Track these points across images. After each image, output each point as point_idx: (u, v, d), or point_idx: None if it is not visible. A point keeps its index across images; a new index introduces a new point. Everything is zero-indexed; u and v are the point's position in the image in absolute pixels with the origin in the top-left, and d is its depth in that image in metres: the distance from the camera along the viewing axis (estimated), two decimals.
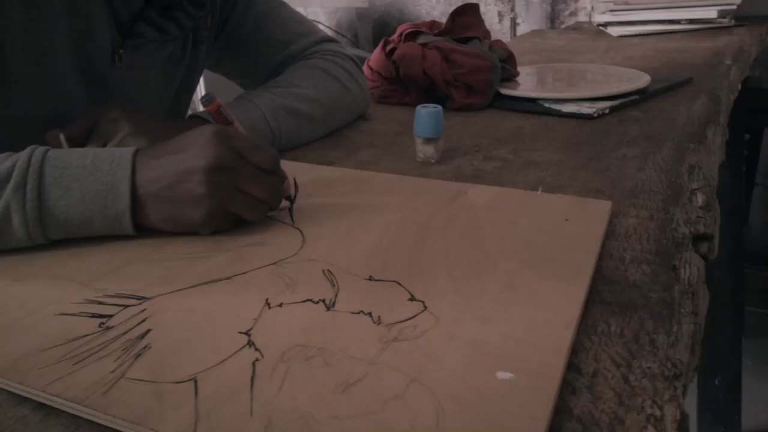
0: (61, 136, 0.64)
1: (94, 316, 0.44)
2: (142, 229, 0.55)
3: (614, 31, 1.72)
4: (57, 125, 0.67)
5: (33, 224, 0.51)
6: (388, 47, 1.04)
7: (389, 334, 0.41)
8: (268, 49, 0.87)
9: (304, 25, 0.91)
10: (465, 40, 1.04)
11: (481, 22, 1.09)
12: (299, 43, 0.88)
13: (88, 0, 0.68)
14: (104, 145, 0.63)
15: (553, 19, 2.16)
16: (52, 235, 0.53)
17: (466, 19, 1.06)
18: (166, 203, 0.53)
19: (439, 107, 0.74)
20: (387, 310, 0.43)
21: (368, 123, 0.94)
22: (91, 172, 0.52)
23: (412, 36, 1.04)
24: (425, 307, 0.43)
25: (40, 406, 0.37)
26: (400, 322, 0.42)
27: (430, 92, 1.02)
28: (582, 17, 2.12)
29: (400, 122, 0.94)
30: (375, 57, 1.06)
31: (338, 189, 0.65)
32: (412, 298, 0.45)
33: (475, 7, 1.08)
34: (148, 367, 0.38)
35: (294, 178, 0.68)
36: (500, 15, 2.25)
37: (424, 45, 1.00)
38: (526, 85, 1.07)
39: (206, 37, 0.85)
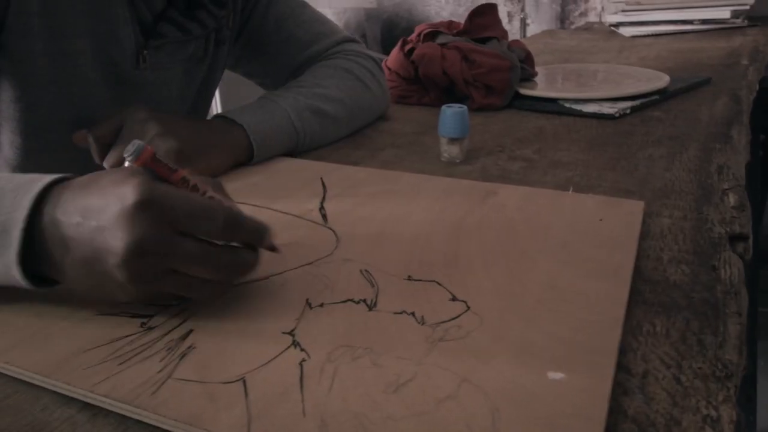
0: (90, 137, 0.64)
1: (134, 316, 0.44)
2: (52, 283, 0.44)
3: (626, 31, 1.72)
4: (83, 128, 0.67)
5: None
6: (407, 47, 1.04)
7: (434, 334, 0.40)
8: (290, 50, 0.87)
9: (326, 25, 0.90)
10: (483, 40, 1.04)
11: (498, 22, 1.08)
12: (321, 44, 0.88)
13: (110, 2, 0.68)
14: None
15: (563, 19, 2.16)
16: None
17: (485, 20, 1.06)
18: (83, 277, 0.42)
19: (464, 107, 0.74)
20: (430, 310, 0.43)
21: (389, 123, 0.93)
22: None
23: (431, 36, 1.04)
24: (468, 307, 0.43)
25: (87, 407, 0.37)
26: (444, 322, 0.42)
27: (449, 92, 1.01)
28: (592, 17, 2.12)
29: (420, 122, 0.94)
30: (393, 57, 1.06)
31: (366, 189, 0.65)
32: (454, 298, 0.44)
33: (493, 7, 1.08)
34: (194, 367, 0.38)
35: (321, 178, 0.68)
36: (510, 15, 2.25)
37: (443, 45, 1.00)
38: (544, 85, 1.07)
39: (228, 37, 0.85)
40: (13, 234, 0.41)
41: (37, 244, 0.42)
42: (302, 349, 0.39)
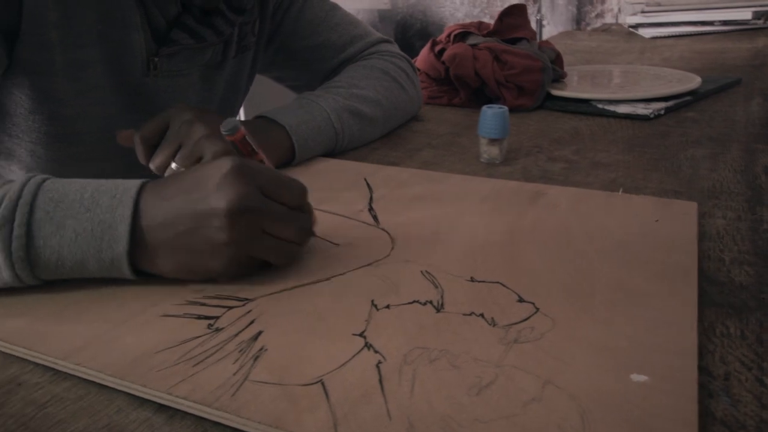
0: (136, 137, 0.63)
1: (200, 317, 0.43)
2: (144, 274, 0.47)
3: (646, 32, 1.72)
4: (104, 140, 0.66)
5: (20, 265, 0.44)
6: (437, 48, 1.04)
7: (508, 336, 0.40)
8: (325, 54, 0.86)
9: (359, 27, 0.90)
10: (513, 41, 1.04)
11: (528, 22, 1.08)
12: (355, 46, 0.87)
13: (122, 6, 0.66)
14: (179, 147, 0.62)
15: (578, 20, 2.16)
16: (44, 276, 0.46)
17: (514, 20, 1.06)
18: (180, 251, 0.46)
19: (505, 108, 0.74)
20: (498, 312, 0.43)
21: (422, 124, 0.93)
22: (89, 207, 0.45)
23: (461, 37, 1.04)
24: (537, 309, 0.43)
25: (162, 408, 0.37)
26: (516, 323, 0.41)
27: (479, 93, 1.01)
28: (608, 19, 2.12)
29: (453, 123, 0.93)
30: (422, 57, 1.06)
31: (413, 189, 0.65)
32: (521, 299, 0.44)
33: (522, 8, 1.08)
34: (269, 369, 0.38)
35: (365, 179, 0.68)
36: None
37: (473, 46, 1.00)
38: (575, 86, 1.06)
39: (253, 43, 0.83)
40: (120, 229, 0.45)
41: (138, 236, 0.46)
42: (376, 351, 0.39)
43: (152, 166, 0.63)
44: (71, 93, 0.65)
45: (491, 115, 0.74)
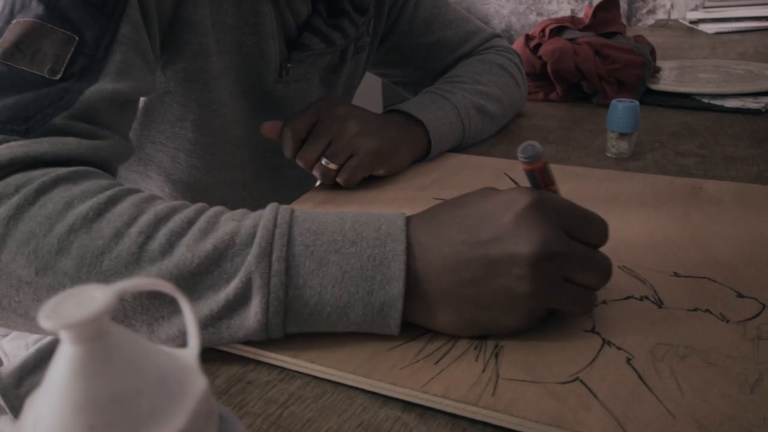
0: (286, 131, 0.62)
1: None
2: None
3: (707, 28, 1.70)
4: (238, 149, 0.65)
5: (275, 308, 0.37)
6: (532, 43, 1.02)
7: (748, 332, 0.39)
8: (440, 52, 0.84)
9: (472, 23, 0.88)
10: (607, 36, 1.02)
11: (620, 17, 1.07)
12: (471, 43, 0.86)
13: (258, 12, 0.64)
14: (329, 143, 0.61)
15: (629, 16, 2.14)
16: (292, 325, 0.39)
17: (607, 15, 1.05)
18: (464, 303, 0.38)
19: (636, 102, 0.73)
20: (723, 307, 0.42)
21: (527, 119, 0.92)
22: (354, 241, 0.39)
23: (557, 32, 1.02)
24: (763, 304, 0.42)
25: (408, 406, 0.36)
26: (749, 319, 0.40)
27: (574, 88, 1.00)
28: (660, 15, 2.10)
29: (558, 118, 0.92)
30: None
31: (562, 185, 0.63)
32: (740, 295, 0.43)
33: (615, 3, 1.07)
34: (517, 366, 0.37)
35: (507, 174, 0.66)
36: (573, 13, 2.23)
37: (571, 40, 0.99)
38: (672, 81, 1.05)
39: (368, 44, 0.82)
40: (393, 267, 0.38)
41: (411, 283, 0.39)
42: (619, 348, 0.38)
43: (300, 161, 0.62)
44: (216, 101, 0.64)
45: (623, 109, 0.72)
